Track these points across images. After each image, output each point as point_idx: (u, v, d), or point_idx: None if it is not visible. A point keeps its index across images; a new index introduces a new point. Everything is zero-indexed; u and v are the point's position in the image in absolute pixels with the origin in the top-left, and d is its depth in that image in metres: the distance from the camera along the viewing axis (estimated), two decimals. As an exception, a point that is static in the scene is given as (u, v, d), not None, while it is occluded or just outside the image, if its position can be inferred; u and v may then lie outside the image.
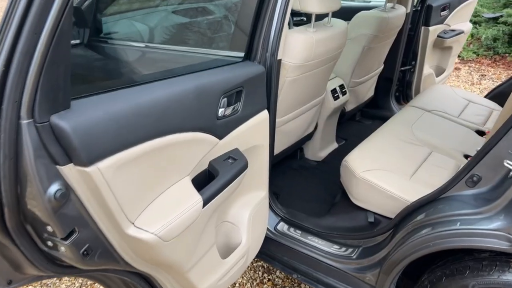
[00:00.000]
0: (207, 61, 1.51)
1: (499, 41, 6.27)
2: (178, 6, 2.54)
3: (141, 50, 1.94)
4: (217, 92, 1.24)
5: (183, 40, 2.08)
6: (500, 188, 1.28)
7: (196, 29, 2.25)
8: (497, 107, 2.61)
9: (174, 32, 2.23)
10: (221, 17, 2.27)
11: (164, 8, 2.59)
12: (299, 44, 1.80)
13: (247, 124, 1.44)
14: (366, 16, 2.47)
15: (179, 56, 1.73)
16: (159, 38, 2.18)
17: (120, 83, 0.98)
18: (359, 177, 1.77)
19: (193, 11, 2.52)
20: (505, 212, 1.21)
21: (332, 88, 2.47)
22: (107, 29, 2.30)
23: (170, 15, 2.50)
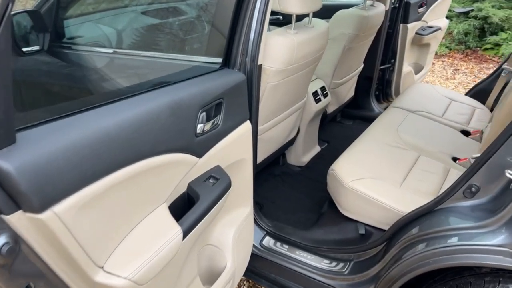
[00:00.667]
0: (182, 70, 1.37)
1: (470, 35, 6.35)
2: (148, 6, 2.37)
3: (108, 57, 1.78)
4: (195, 107, 1.11)
5: (154, 45, 1.92)
6: (500, 199, 1.20)
7: (169, 33, 2.09)
8: (479, 105, 2.57)
9: (144, 36, 2.07)
10: (197, 19, 2.12)
11: (133, 9, 2.41)
12: (280, 47, 1.69)
13: (228, 138, 1.31)
14: (346, 14, 2.38)
15: (151, 64, 1.58)
16: (128, 43, 2.01)
17: (80, 105, 0.83)
18: (347, 187, 1.67)
19: (165, 11, 2.36)
20: (508, 226, 1.13)
21: (314, 91, 2.37)
22: (70, 33, 2.11)
23: (140, 16, 2.33)
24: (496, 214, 1.17)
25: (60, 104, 1.09)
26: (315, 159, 2.61)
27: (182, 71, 1.33)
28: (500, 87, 2.50)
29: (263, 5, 1.43)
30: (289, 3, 1.66)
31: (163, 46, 1.87)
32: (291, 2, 1.65)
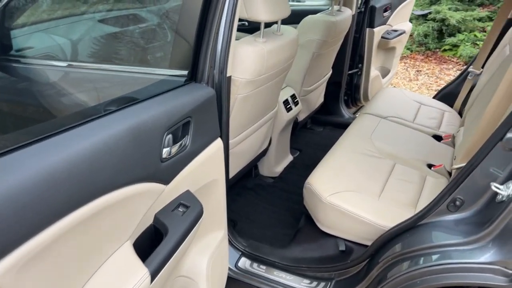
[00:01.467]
0: (144, 86, 1.24)
1: (429, 37, 6.52)
2: (106, 13, 2.20)
3: (58, 71, 1.62)
4: (160, 129, 0.99)
5: (112, 57, 1.77)
6: (486, 213, 1.16)
7: (129, 43, 1.94)
8: (447, 109, 2.58)
9: (101, 47, 1.91)
10: (160, 27, 1.99)
11: (91, 16, 2.24)
12: (250, 57, 1.59)
13: (198, 159, 1.20)
14: (314, 20, 2.31)
15: (108, 79, 1.43)
16: (82, 55, 1.85)
17: (20, 139, 0.69)
18: (326, 202, 1.59)
19: (124, 19, 2.20)
20: (497, 242, 1.08)
21: (284, 99, 2.30)
22: (18, 45, 1.92)
23: (97, 25, 2.16)
24: (483, 229, 1.12)
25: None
26: (288, 168, 2.53)
27: (144, 88, 1.20)
28: (467, 90, 2.52)
29: (230, 13, 1.33)
30: (257, 11, 1.56)
31: (122, 59, 1.72)
32: (259, 9, 1.56)
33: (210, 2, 1.23)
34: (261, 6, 1.56)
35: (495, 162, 1.14)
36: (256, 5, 1.56)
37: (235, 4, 1.34)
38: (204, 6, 1.24)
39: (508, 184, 1.08)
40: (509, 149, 1.11)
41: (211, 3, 1.22)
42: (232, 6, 1.33)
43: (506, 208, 1.05)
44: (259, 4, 1.56)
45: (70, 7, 2.35)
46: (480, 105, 1.87)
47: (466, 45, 6.13)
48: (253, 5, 1.56)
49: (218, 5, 1.22)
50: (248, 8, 1.58)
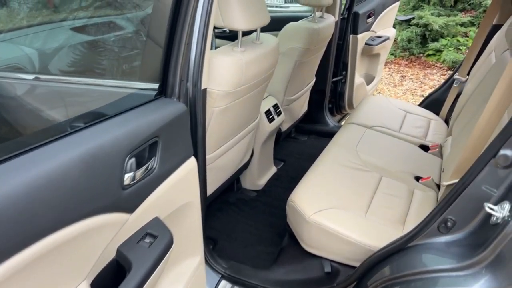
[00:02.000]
0: (107, 103, 1.13)
1: (413, 42, 6.54)
2: (80, 21, 2.08)
3: (21, 84, 1.49)
4: (120, 153, 0.88)
5: (82, 69, 1.65)
6: (480, 235, 1.08)
7: (102, 53, 1.82)
8: (433, 117, 2.53)
9: (70, 58, 1.79)
10: (135, 36, 1.88)
11: (61, 25, 2.11)
12: (227, 68, 1.50)
13: (168, 181, 1.09)
14: (296, 28, 2.23)
15: (74, 94, 1.32)
16: (49, 66, 1.73)
17: None
18: (310, 220, 1.50)
19: (100, 27, 2.07)
20: (492, 268, 1.00)
21: (266, 110, 2.20)
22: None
23: (68, 33, 2.04)
24: (477, 253, 1.04)
25: None
26: (272, 181, 2.43)
27: (107, 105, 1.09)
28: (453, 98, 2.47)
29: (204, 21, 1.23)
30: (234, 19, 1.47)
31: (91, 70, 1.61)
32: (236, 18, 1.47)
33: (179, 9, 1.13)
34: (238, 13, 1.47)
35: (488, 180, 1.06)
36: (232, 13, 1.47)
37: (208, 12, 1.25)
38: (173, 13, 1.14)
39: (503, 204, 1.00)
40: (502, 167, 1.03)
41: (180, 9, 1.13)
42: (205, 14, 1.23)
43: (501, 231, 0.97)
44: (236, 11, 1.47)
45: (40, 14, 2.22)
46: (467, 115, 1.81)
47: (450, 50, 6.16)
48: (230, 13, 1.47)
49: (188, 12, 1.12)
50: (224, 16, 1.48)
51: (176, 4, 1.12)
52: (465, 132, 1.67)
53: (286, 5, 8.65)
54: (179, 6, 1.12)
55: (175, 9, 1.13)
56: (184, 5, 1.11)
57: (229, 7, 1.46)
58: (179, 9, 1.12)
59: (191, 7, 1.12)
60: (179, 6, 1.12)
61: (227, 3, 1.46)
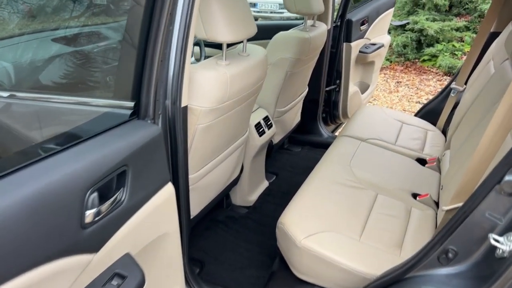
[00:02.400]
0: (67, 131, 1.02)
1: (408, 47, 6.47)
2: (58, 32, 1.97)
3: None
4: (79, 189, 0.78)
5: (58, 85, 1.55)
6: (484, 268, 0.98)
7: (78, 67, 1.71)
8: (430, 127, 2.44)
9: (45, 72, 1.68)
10: (113, 47, 1.78)
11: (41, 35, 2.01)
12: (210, 83, 1.40)
13: (141, 213, 0.99)
14: (286, 37, 2.14)
15: (45, 114, 1.21)
16: (23, 82, 1.62)
17: None
18: (301, 246, 1.40)
19: (81, 37, 1.97)
20: (500, 308, 0.90)
21: (256, 123, 2.11)
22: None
23: (49, 44, 1.94)
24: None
25: None
26: (263, 196, 2.33)
27: (65, 133, 0.98)
28: (450, 108, 2.38)
29: (182, 35, 1.14)
30: (218, 30, 1.38)
31: (65, 86, 1.50)
32: (220, 29, 1.37)
33: (151, 23, 1.03)
34: (222, 24, 1.38)
35: (493, 208, 0.97)
36: (216, 24, 1.37)
37: (187, 25, 1.15)
38: (145, 28, 1.04)
39: (509, 236, 0.91)
40: (507, 194, 0.94)
41: (152, 23, 1.03)
42: (184, 27, 1.14)
43: (509, 267, 0.87)
44: (219, 22, 1.37)
45: (20, 24, 2.12)
46: (467, 128, 1.72)
47: (445, 55, 6.10)
48: (213, 24, 1.38)
49: (161, 26, 1.03)
50: (207, 27, 1.39)
51: (148, 17, 1.02)
52: (465, 148, 1.58)
53: (280, 10, 8.56)
54: (151, 20, 1.03)
55: (148, 23, 1.04)
56: (156, 19, 1.02)
57: (212, 18, 1.37)
58: (151, 22, 1.02)
59: (164, 21, 1.02)
60: (151, 20, 1.03)
61: (210, 14, 1.36)
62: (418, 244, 1.48)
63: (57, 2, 1.94)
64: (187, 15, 1.14)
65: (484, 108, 1.61)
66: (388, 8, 3.26)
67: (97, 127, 0.96)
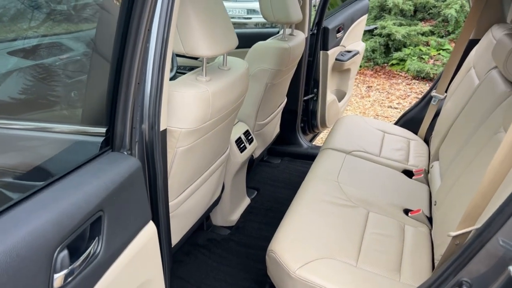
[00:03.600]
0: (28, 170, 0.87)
1: (377, 52, 6.55)
2: (16, 43, 1.78)
3: None
4: (44, 249, 0.63)
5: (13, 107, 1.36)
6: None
7: (40, 84, 1.52)
8: (412, 136, 2.40)
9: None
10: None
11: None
12: (190, 102, 1.27)
13: (118, 263, 0.84)
14: (265, 48, 2.04)
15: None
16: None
17: None
18: (295, 276, 1.29)
19: (44, 49, 1.78)
20: None
21: (237, 138, 1.99)
22: None
23: (4, 58, 1.74)
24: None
25: None
26: (246, 214, 2.21)
27: (24, 177, 0.83)
28: (432, 116, 2.35)
29: (160, 50, 1.01)
30: (197, 44, 1.25)
31: (23, 109, 1.32)
32: (199, 43, 1.25)
33: (127, 40, 0.90)
34: (201, 38, 1.25)
35: (510, 236, 0.89)
36: (194, 38, 1.25)
37: (165, 41, 1.02)
38: (119, 43, 0.90)
39: (532, 269, 0.83)
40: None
41: (128, 41, 0.89)
42: (161, 41, 1.01)
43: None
44: (198, 36, 1.25)
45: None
46: (457, 141, 1.67)
47: (413, 60, 6.20)
48: (191, 38, 1.25)
49: (138, 44, 0.89)
50: (185, 41, 1.26)
51: (122, 33, 0.89)
52: (458, 162, 1.52)
53: (248, 16, 8.48)
54: (127, 37, 0.89)
55: (122, 40, 0.90)
56: (132, 37, 0.88)
57: (190, 31, 1.24)
58: (126, 40, 0.89)
59: (142, 38, 0.89)
60: (127, 37, 0.89)
61: (188, 27, 1.24)
62: (417, 266, 1.40)
63: (14, 10, 1.74)
64: (164, 30, 1.01)
65: (475, 120, 1.56)
66: (362, 15, 3.22)
67: (64, 163, 0.82)
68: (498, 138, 1.29)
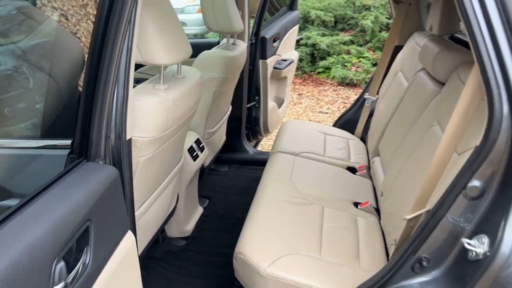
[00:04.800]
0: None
1: (304, 61, 6.87)
2: None
3: None
4: (45, 260, 0.61)
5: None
6: (458, 271, 1.02)
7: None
8: (350, 136, 2.58)
9: None
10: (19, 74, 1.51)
11: None
12: (152, 111, 1.27)
13: (104, 274, 0.82)
14: (211, 57, 2.08)
15: None
16: None
17: None
18: (265, 274, 1.33)
19: None
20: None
21: (189, 147, 1.99)
22: None
23: None
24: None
25: None
26: (200, 223, 2.20)
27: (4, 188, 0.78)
28: (366, 116, 2.55)
29: (125, 58, 1.01)
30: (155, 53, 1.26)
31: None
32: (156, 52, 1.26)
33: (104, 45, 0.89)
34: (159, 47, 1.27)
35: (459, 213, 1.02)
36: (152, 46, 1.26)
37: (129, 47, 1.03)
38: (96, 53, 0.89)
39: (480, 238, 0.96)
40: (472, 198, 1.00)
41: (105, 46, 0.89)
42: (127, 49, 1.01)
43: (487, 269, 0.92)
44: (156, 45, 1.26)
45: None
46: (396, 137, 1.84)
47: (337, 67, 6.61)
48: (149, 47, 1.26)
49: (115, 51, 0.89)
50: (142, 50, 1.26)
51: (100, 40, 0.88)
52: (399, 156, 1.68)
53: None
54: (103, 42, 0.88)
55: (99, 46, 0.89)
56: (110, 42, 0.88)
57: (148, 40, 1.25)
58: (104, 45, 0.88)
59: (119, 43, 0.89)
60: (103, 42, 0.88)
61: (145, 36, 1.24)
62: (372, 253, 1.52)
63: None
64: (128, 39, 1.02)
65: (410, 117, 1.74)
66: (294, 25, 3.40)
67: (40, 176, 0.78)
68: (433, 130, 1.47)
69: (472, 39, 0.92)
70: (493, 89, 0.91)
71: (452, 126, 1.11)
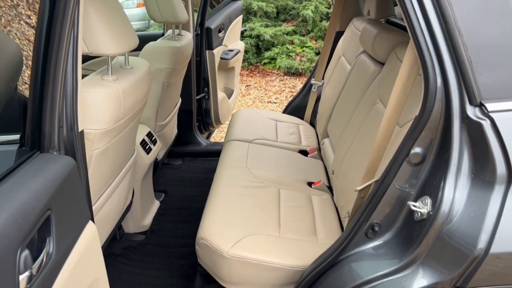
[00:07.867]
0: None
1: (249, 52, 6.92)
2: None
3: None
4: (10, 250, 0.60)
5: None
6: (407, 232, 1.12)
7: None
8: (299, 121, 2.66)
9: None
10: None
11: None
12: (102, 102, 1.25)
13: (68, 264, 0.81)
14: (159, 48, 2.05)
15: None
16: None
17: None
18: (228, 256, 1.36)
19: None
20: (429, 263, 1.04)
21: (141, 140, 1.96)
22: None
23: None
24: (410, 252, 1.07)
25: None
26: (158, 217, 2.19)
27: None
28: (314, 101, 2.64)
29: (72, 48, 0.99)
30: (101, 43, 1.24)
31: None
32: (102, 41, 1.24)
33: (50, 33, 0.87)
34: (105, 36, 1.24)
35: (405, 179, 1.11)
36: (98, 36, 1.23)
37: (76, 36, 1.01)
38: (42, 43, 0.87)
39: (424, 200, 1.06)
40: (415, 164, 1.09)
41: (53, 33, 0.87)
42: (73, 40, 0.99)
43: (431, 226, 1.02)
44: (102, 34, 1.24)
45: None
46: (343, 118, 1.93)
47: (282, 57, 6.73)
48: (95, 37, 1.23)
49: (63, 35, 0.87)
50: (88, 40, 1.23)
51: (46, 33, 0.85)
52: (347, 134, 1.78)
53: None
54: (49, 37, 0.86)
55: (46, 33, 0.87)
56: (58, 30, 0.86)
57: (93, 30, 1.22)
58: (50, 39, 0.86)
59: (66, 30, 0.87)
60: (49, 37, 0.86)
61: (90, 26, 1.21)
62: (328, 227, 1.60)
63: None
64: (74, 29, 0.99)
65: (355, 97, 1.84)
66: (238, 15, 3.42)
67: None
68: (377, 107, 1.57)
69: (408, 20, 1.01)
70: (427, 64, 1.00)
71: (393, 101, 1.20)
